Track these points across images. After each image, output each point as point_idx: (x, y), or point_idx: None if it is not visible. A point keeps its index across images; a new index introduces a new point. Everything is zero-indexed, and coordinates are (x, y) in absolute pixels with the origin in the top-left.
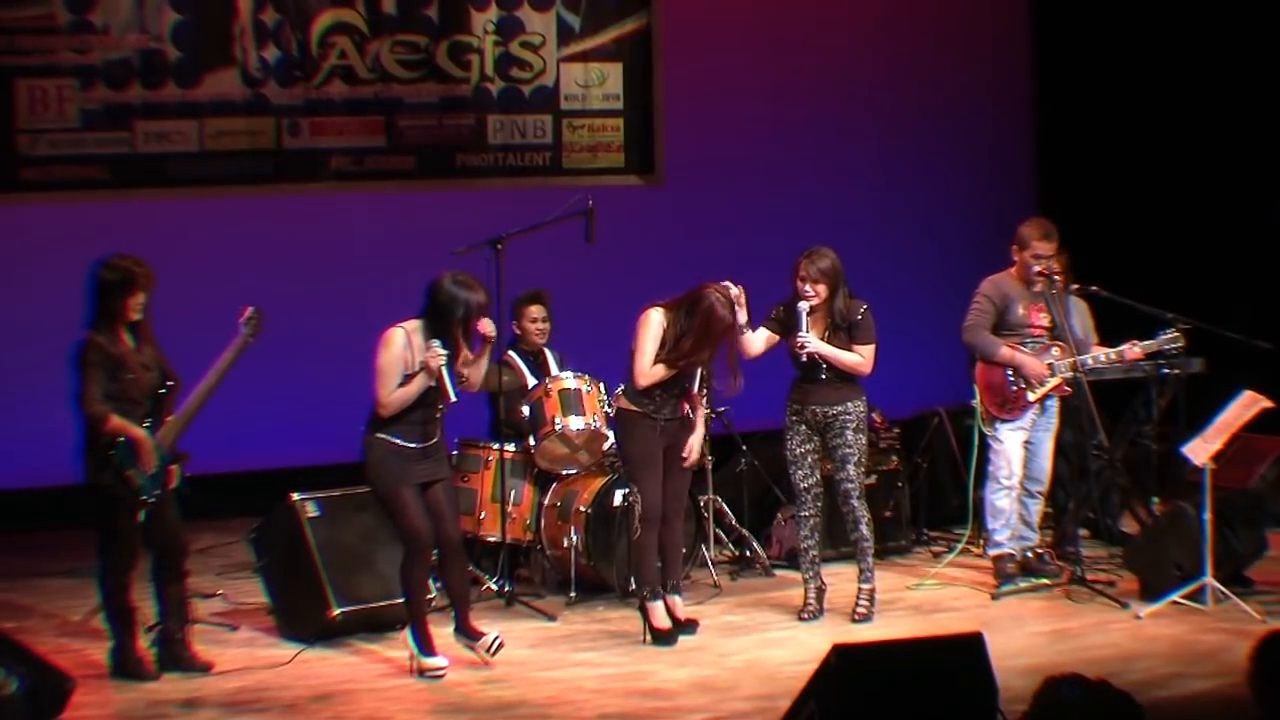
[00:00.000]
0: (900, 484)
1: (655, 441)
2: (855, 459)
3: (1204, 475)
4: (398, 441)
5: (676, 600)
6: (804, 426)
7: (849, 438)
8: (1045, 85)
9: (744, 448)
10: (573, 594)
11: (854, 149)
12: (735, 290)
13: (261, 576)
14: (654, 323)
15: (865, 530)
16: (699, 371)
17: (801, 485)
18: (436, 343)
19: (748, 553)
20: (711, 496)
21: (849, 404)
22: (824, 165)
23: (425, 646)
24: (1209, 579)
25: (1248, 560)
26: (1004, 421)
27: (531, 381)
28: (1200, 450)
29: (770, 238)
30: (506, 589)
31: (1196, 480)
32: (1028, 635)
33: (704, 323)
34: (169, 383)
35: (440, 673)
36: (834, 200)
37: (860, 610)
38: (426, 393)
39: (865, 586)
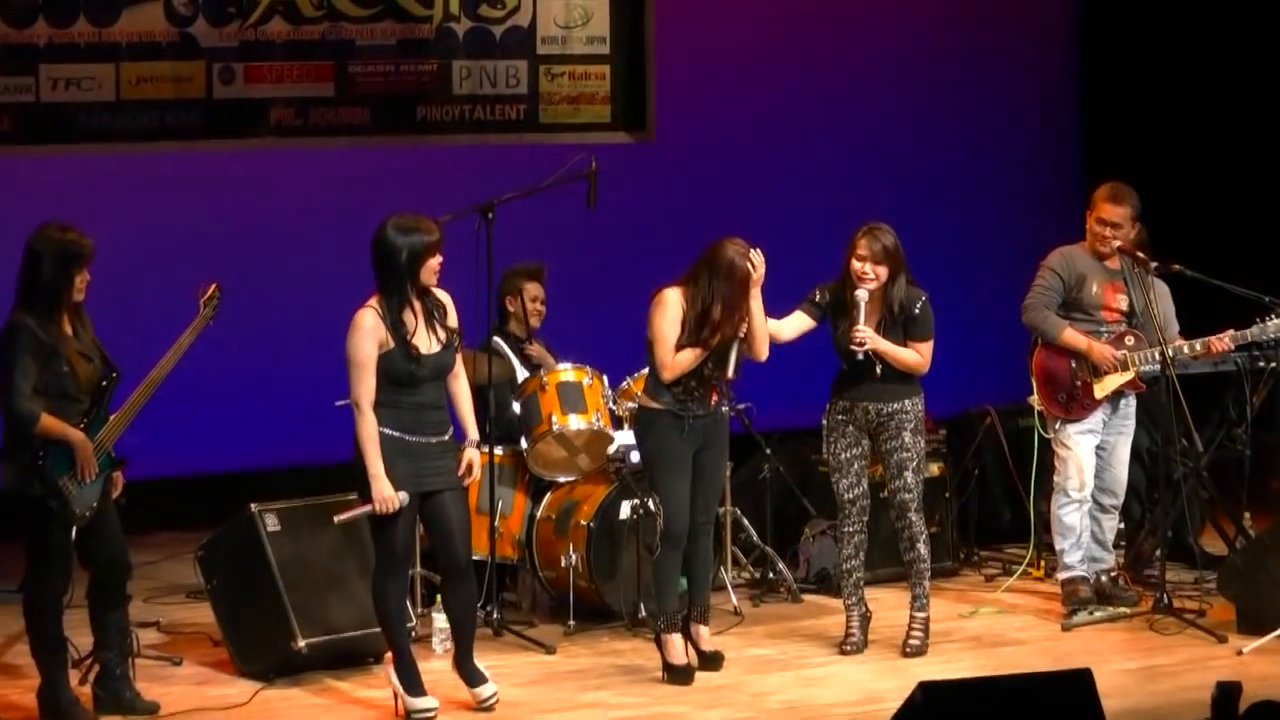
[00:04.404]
0: (947, 494)
1: (682, 442)
2: (914, 464)
3: None
4: (388, 431)
5: (703, 630)
6: (851, 428)
7: (907, 440)
8: (1091, 50)
9: (767, 451)
10: (571, 622)
11: (869, 99)
12: (756, 253)
13: (212, 600)
14: (670, 304)
15: (923, 550)
16: (734, 352)
17: (846, 496)
18: None
19: (771, 574)
20: (729, 508)
21: (906, 401)
22: (835, 119)
23: (411, 684)
24: None
25: None
26: (1070, 423)
27: (521, 373)
28: None
29: (774, 201)
30: (494, 616)
31: None
32: (1113, 673)
33: (728, 276)
34: (112, 373)
35: (430, 715)
36: (847, 157)
37: (913, 641)
38: (416, 373)
39: (919, 615)
